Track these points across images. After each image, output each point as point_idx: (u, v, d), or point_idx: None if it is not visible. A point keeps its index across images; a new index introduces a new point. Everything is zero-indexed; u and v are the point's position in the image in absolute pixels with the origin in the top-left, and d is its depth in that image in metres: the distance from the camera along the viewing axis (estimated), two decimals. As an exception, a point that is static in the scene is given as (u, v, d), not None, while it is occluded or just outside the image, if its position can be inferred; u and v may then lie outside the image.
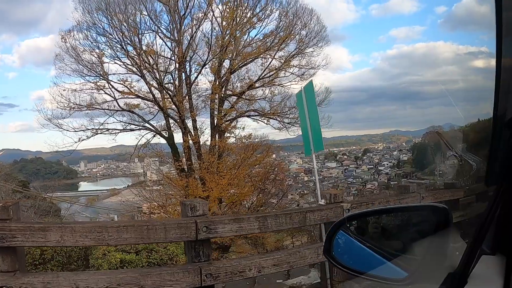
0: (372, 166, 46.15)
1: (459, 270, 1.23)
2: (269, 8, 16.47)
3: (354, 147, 52.46)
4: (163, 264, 6.93)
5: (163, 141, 18.05)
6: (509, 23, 0.97)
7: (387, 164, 46.15)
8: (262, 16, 16.48)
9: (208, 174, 14.77)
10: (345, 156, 49.30)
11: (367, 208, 5.10)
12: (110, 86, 17.31)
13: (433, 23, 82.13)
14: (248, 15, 16.36)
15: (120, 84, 17.26)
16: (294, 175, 46.36)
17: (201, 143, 16.74)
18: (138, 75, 16.50)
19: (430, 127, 48.77)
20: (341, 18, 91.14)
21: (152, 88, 16.68)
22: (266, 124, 17.49)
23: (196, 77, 16.84)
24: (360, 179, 43.73)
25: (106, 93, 17.39)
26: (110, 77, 17.01)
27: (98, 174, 56.08)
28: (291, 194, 39.74)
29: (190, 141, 16.74)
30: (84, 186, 55.21)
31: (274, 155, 54.56)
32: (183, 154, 17.40)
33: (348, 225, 1.81)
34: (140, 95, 17.25)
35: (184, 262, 5.80)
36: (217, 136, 16.51)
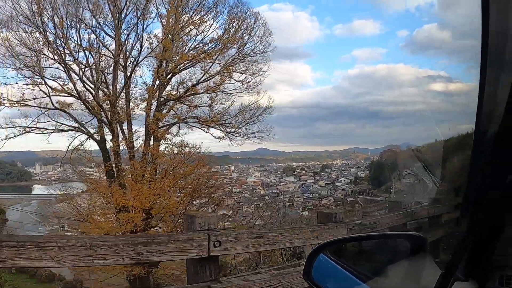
0: (330, 182, 46.02)
1: None
2: (215, 10, 15.62)
3: (313, 163, 52.46)
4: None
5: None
6: (493, 53, 0.94)
7: (344, 181, 46.18)
8: (206, 18, 15.59)
9: (133, 182, 13.58)
10: (303, 171, 49.07)
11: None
12: (44, 83, 15.99)
13: (395, 46, 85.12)
14: (192, 16, 15.41)
15: (54, 81, 15.98)
16: (251, 188, 45.70)
17: (135, 148, 15.54)
18: (61, 70, 15.20)
19: (388, 146, 49.60)
20: (305, 36, 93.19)
21: (80, 86, 15.39)
22: (206, 132, 16.42)
23: (129, 77, 15.61)
24: (317, 194, 43.37)
25: (41, 89, 16.03)
26: (47, 74, 15.70)
27: (53, 178, 53.40)
28: (247, 207, 39.05)
29: (124, 146, 15.56)
30: (37, 189, 52.60)
31: (232, 167, 53.80)
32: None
33: (328, 249, 1.85)
34: (73, 94, 16.00)
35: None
36: (151, 143, 15.37)
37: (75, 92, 15.01)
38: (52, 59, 15.26)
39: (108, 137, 15.88)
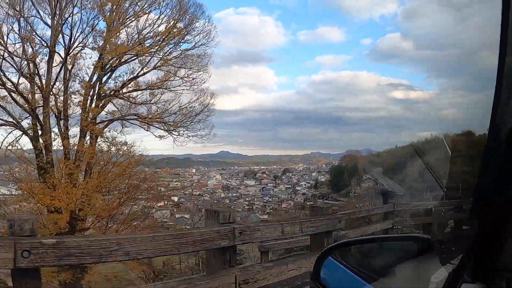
0: (290, 186, 45.98)
1: None
2: (158, 1, 14.84)
3: (275, 166, 52.32)
4: None
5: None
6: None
7: (305, 185, 46.26)
8: (149, 9, 14.80)
9: (59, 181, 12.66)
10: (265, 175, 48.85)
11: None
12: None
13: (359, 54, 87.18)
14: (133, 6, 14.58)
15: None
16: (211, 191, 45.07)
17: (70, 146, 14.60)
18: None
19: (348, 151, 50.18)
20: (270, 40, 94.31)
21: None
22: (146, 130, 15.60)
23: (62, 68, 14.65)
24: (277, 198, 43.19)
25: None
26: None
27: (10, 178, 50.62)
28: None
29: (59, 144, 14.60)
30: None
31: (194, 170, 52.83)
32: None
33: (336, 252, 1.90)
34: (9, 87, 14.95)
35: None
36: (87, 140, 14.48)
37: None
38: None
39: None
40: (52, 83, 14.28)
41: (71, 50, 15.10)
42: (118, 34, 14.18)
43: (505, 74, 0.95)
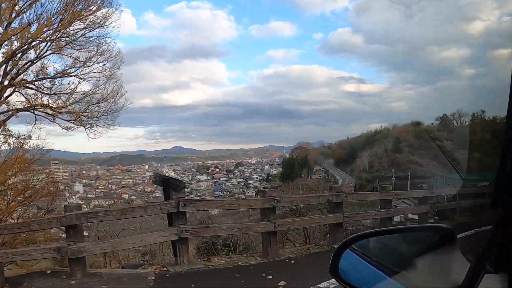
0: (243, 180, 46.20)
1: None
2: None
3: (228, 161, 52.43)
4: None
5: None
6: None
7: (257, 178, 46.61)
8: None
9: None
10: (217, 169, 48.91)
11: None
12: None
13: (310, 48, 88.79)
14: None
15: None
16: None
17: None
18: None
19: (299, 143, 50.91)
20: (222, 34, 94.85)
21: None
22: (52, 122, 15.12)
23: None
24: (228, 192, 43.35)
25: None
26: None
27: None
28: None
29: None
30: None
31: (146, 166, 52.18)
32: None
33: (353, 245, 1.86)
34: None
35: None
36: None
37: None
38: None
39: None
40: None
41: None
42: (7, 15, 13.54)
43: None
